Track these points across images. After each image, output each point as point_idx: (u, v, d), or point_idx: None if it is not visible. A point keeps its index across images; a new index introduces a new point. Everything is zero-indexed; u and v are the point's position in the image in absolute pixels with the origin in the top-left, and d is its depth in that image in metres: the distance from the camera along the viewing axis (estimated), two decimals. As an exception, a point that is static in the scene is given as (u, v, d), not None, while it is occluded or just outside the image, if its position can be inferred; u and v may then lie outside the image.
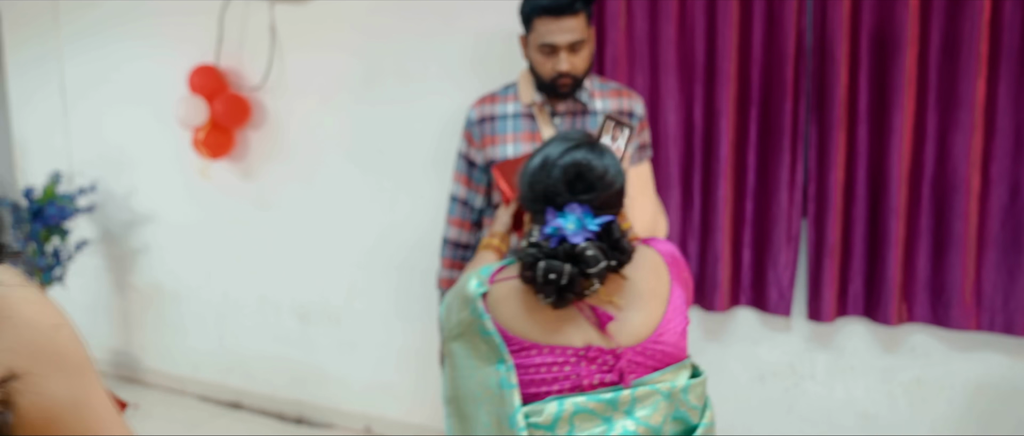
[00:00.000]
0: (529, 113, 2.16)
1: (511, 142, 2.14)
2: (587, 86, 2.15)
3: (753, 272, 2.66)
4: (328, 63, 3.34)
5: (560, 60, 2.02)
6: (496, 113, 2.20)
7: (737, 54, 2.55)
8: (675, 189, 2.68)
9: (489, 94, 2.27)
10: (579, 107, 2.15)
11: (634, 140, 2.18)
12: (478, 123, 2.21)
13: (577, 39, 2.02)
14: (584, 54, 2.06)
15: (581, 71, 2.07)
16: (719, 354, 2.80)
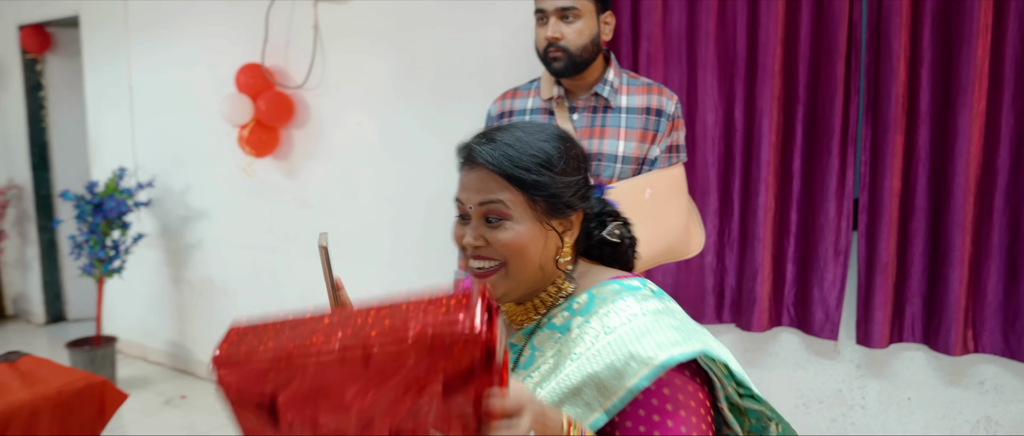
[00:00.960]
0: (548, 108, 2.03)
1: None
2: (611, 80, 2.00)
3: (797, 289, 2.41)
4: (368, 61, 3.29)
5: (548, 26, 1.92)
6: (516, 108, 2.09)
7: (781, 49, 2.32)
8: (713, 195, 2.47)
9: (512, 89, 2.16)
10: (601, 102, 2.00)
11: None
12: (498, 118, 2.11)
13: (566, 5, 1.90)
14: (577, 26, 1.91)
15: (573, 45, 1.92)
16: (758, 378, 2.56)
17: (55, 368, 2.10)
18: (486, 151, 1.02)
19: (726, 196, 2.47)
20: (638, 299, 1.03)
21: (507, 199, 1.01)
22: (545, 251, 1.04)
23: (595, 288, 1.07)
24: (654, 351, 0.95)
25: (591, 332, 1.01)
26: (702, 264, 2.52)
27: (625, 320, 1.00)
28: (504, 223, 1.02)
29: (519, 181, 1.01)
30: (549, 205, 1.03)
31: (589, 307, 1.05)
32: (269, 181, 3.71)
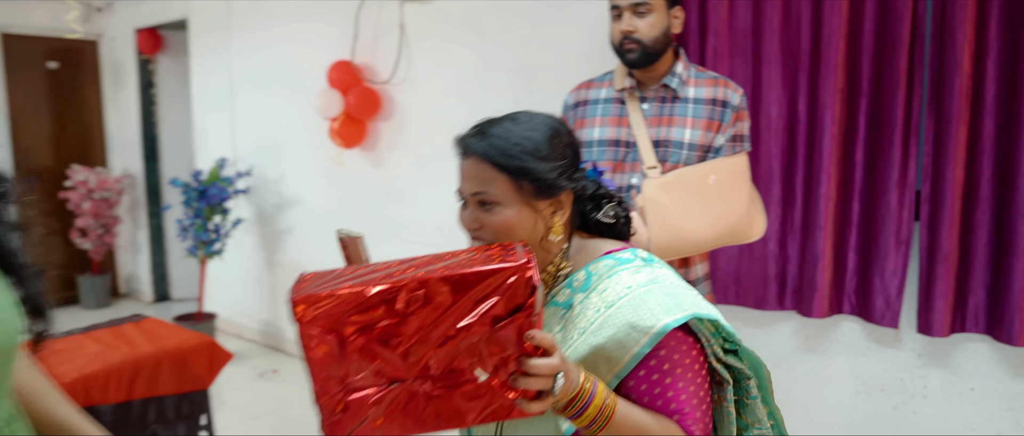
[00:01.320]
0: (620, 98, 2.15)
1: (598, 125, 2.15)
2: (680, 72, 2.11)
3: (858, 278, 2.47)
4: (450, 58, 3.50)
5: (623, 20, 2.04)
6: (590, 98, 2.21)
7: (845, 43, 2.38)
8: (776, 185, 2.55)
9: (587, 80, 2.28)
10: (669, 93, 2.11)
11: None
12: (573, 107, 2.24)
13: (640, 1, 2.02)
14: (650, 20, 2.03)
15: (647, 38, 2.03)
16: (818, 364, 2.63)
17: (173, 328, 2.38)
18: (476, 143, 1.14)
19: (789, 186, 2.55)
20: (631, 272, 1.13)
21: (496, 186, 1.11)
22: (535, 230, 1.13)
23: (591, 264, 1.16)
24: (652, 319, 1.06)
25: (592, 307, 1.11)
26: (765, 252, 2.60)
27: (622, 293, 1.10)
28: (494, 208, 1.11)
29: (505, 168, 1.10)
30: (536, 188, 1.12)
31: (587, 284, 1.14)
32: (356, 171, 3.97)
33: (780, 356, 2.71)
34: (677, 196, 1.98)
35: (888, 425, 2.53)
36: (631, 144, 2.08)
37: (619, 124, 2.11)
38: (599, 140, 2.12)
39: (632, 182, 2.07)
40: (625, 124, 2.09)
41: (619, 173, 2.08)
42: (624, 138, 2.08)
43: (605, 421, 1.00)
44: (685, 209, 1.98)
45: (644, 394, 1.08)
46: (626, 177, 2.08)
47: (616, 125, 2.12)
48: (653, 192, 1.98)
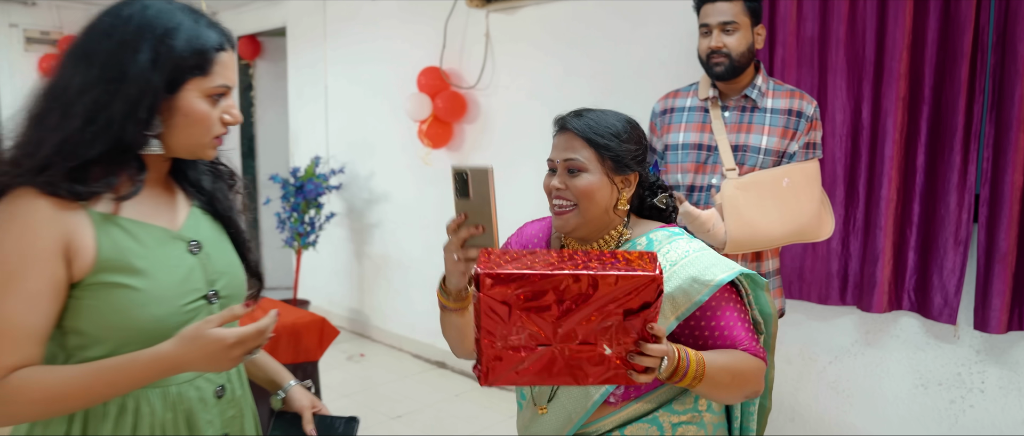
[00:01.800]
0: (704, 107, 2.34)
1: (683, 130, 2.34)
2: (759, 84, 2.29)
3: (917, 276, 2.60)
4: (532, 65, 3.74)
5: (713, 37, 2.23)
6: (676, 106, 2.40)
7: (908, 53, 2.52)
8: (839, 187, 2.70)
9: (674, 90, 2.48)
10: (749, 103, 2.28)
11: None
12: (661, 114, 2.43)
13: (728, 20, 2.21)
14: (737, 37, 2.21)
15: (734, 52, 2.21)
16: (878, 357, 2.76)
17: (287, 307, 2.70)
18: (573, 121, 1.41)
19: (852, 188, 2.70)
20: (686, 240, 1.41)
21: (585, 156, 1.37)
22: (608, 198, 1.39)
23: (650, 233, 1.43)
24: (710, 275, 1.34)
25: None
26: (828, 249, 2.76)
27: (683, 255, 1.38)
28: (581, 174, 1.37)
29: (594, 143, 1.37)
30: (615, 163, 1.38)
31: (650, 246, 1.41)
32: (443, 170, 4.26)
33: (841, 349, 2.86)
34: (752, 196, 2.16)
35: (945, 419, 2.65)
36: (713, 148, 2.27)
37: (702, 130, 2.30)
38: (684, 144, 2.32)
39: (712, 182, 2.26)
40: (708, 130, 2.29)
41: (700, 174, 2.28)
42: (706, 142, 2.28)
43: (701, 377, 1.23)
44: (759, 208, 2.16)
45: (705, 329, 1.37)
46: (707, 177, 2.27)
47: (699, 130, 2.30)
48: (731, 191, 2.16)
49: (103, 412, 1.15)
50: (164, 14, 1.13)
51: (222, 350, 1.08)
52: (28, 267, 1.05)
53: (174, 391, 1.19)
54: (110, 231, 1.12)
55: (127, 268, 1.12)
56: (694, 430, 1.44)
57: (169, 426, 1.19)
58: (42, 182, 1.07)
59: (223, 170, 1.36)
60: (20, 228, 1.06)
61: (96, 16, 1.15)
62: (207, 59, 1.14)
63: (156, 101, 1.11)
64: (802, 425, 3.00)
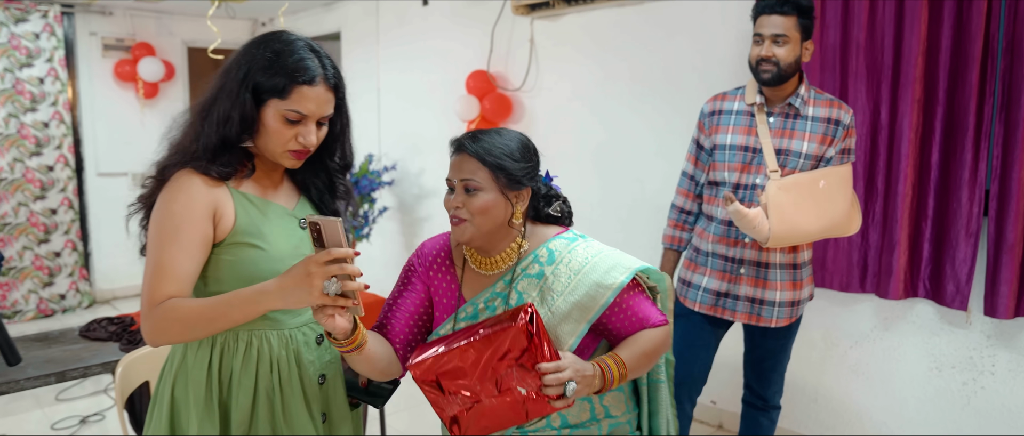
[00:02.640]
0: (750, 111, 2.48)
1: (731, 132, 2.48)
2: (802, 93, 2.46)
3: (931, 265, 2.79)
4: (575, 69, 4.00)
5: (764, 47, 2.40)
6: (724, 108, 2.54)
7: (923, 58, 2.72)
8: (859, 183, 2.91)
9: (722, 93, 2.60)
10: (792, 110, 2.46)
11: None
12: (710, 115, 2.57)
13: (780, 33, 2.37)
14: (786, 49, 2.38)
15: (782, 62, 2.35)
16: (895, 342, 2.96)
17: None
18: (469, 144, 1.50)
19: (871, 184, 2.90)
20: (584, 246, 1.57)
21: (479, 176, 1.48)
22: (504, 213, 1.51)
23: (549, 243, 1.57)
24: (612, 278, 1.52)
25: (563, 274, 1.53)
26: (849, 241, 2.97)
27: (584, 262, 1.54)
28: (477, 193, 1.48)
29: (488, 164, 1.47)
30: (508, 181, 1.49)
31: (552, 258, 1.55)
32: (487, 167, 4.53)
33: (860, 334, 3.06)
34: (792, 196, 2.35)
35: (958, 399, 2.84)
36: (757, 150, 2.43)
37: (748, 133, 2.46)
38: (731, 145, 2.48)
39: (756, 182, 2.42)
40: (753, 133, 2.45)
41: (746, 173, 2.44)
42: (752, 145, 2.44)
43: (625, 375, 1.49)
44: (798, 207, 2.35)
45: (617, 322, 1.56)
46: (751, 177, 2.43)
47: (746, 133, 2.46)
48: (774, 192, 2.33)
49: (234, 346, 1.48)
50: (279, 45, 1.42)
51: (303, 270, 1.24)
52: (188, 224, 1.38)
53: (286, 333, 1.51)
54: (245, 205, 1.46)
55: (256, 233, 1.45)
56: (615, 393, 1.62)
57: (281, 361, 1.50)
58: (195, 165, 1.42)
59: (339, 187, 1.63)
60: (184, 197, 1.39)
61: (245, 44, 1.46)
62: (287, 87, 1.40)
63: (246, 112, 1.40)
64: (825, 405, 3.20)
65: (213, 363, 1.47)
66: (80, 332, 2.73)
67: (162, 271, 1.36)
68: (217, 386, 1.47)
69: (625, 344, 1.55)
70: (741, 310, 2.50)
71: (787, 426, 3.30)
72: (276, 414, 1.49)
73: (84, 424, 3.69)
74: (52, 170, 5.69)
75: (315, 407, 1.55)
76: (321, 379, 1.57)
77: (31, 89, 5.53)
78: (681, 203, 2.68)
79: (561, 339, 1.51)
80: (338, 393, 1.62)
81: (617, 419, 1.63)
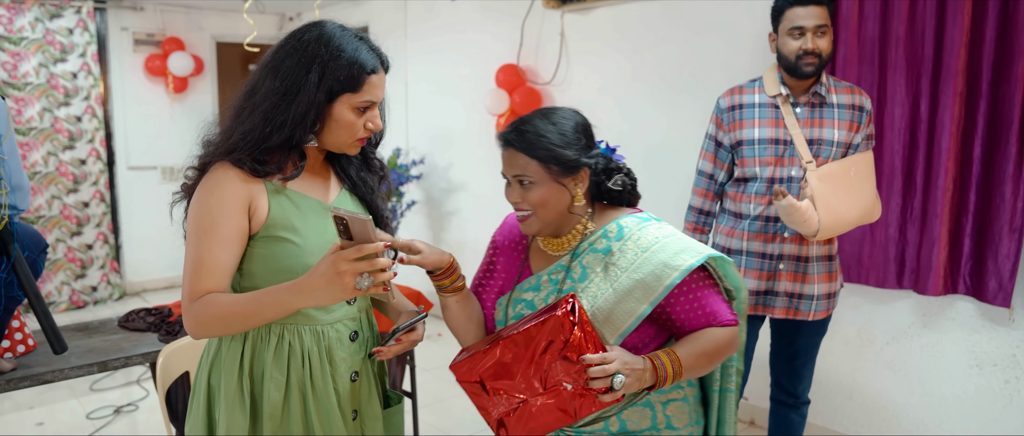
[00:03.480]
0: (774, 104, 2.44)
1: (758, 126, 2.44)
2: (825, 82, 2.44)
3: (972, 262, 2.75)
4: (604, 63, 3.98)
5: (807, 40, 2.36)
6: (744, 102, 2.49)
7: (966, 51, 2.67)
8: (897, 177, 2.87)
9: (737, 86, 2.56)
10: (818, 99, 2.43)
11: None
12: (728, 110, 2.51)
13: (821, 24, 2.34)
14: (827, 40, 2.36)
15: (825, 53, 2.34)
16: (934, 339, 2.92)
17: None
18: (513, 138, 1.49)
19: (909, 178, 2.86)
20: (656, 226, 1.53)
21: (531, 169, 1.46)
22: (563, 200, 1.50)
23: (620, 219, 1.54)
24: (681, 260, 1.46)
25: (630, 251, 1.49)
26: (886, 236, 2.93)
27: (653, 240, 1.49)
28: (532, 187, 1.47)
29: (535, 155, 1.46)
30: (560, 167, 1.47)
31: (620, 235, 1.51)
32: (516, 161, 4.53)
33: (897, 331, 3.02)
34: (830, 186, 2.33)
35: (1000, 398, 2.79)
36: (788, 142, 2.39)
37: (777, 125, 2.43)
38: (760, 139, 2.44)
39: (791, 174, 2.39)
40: (782, 125, 2.41)
41: (780, 167, 2.41)
42: (782, 137, 2.40)
43: (680, 372, 1.42)
44: (838, 196, 2.34)
45: (682, 312, 1.50)
46: (786, 170, 2.40)
47: (774, 126, 2.43)
48: (816, 183, 2.31)
49: (267, 339, 1.47)
50: (334, 40, 1.41)
51: (333, 269, 1.24)
52: (223, 218, 1.39)
53: (319, 329, 1.49)
54: (279, 199, 1.46)
55: (289, 226, 1.45)
56: (680, 403, 1.57)
57: (313, 356, 1.49)
58: (233, 159, 1.42)
59: (374, 163, 1.64)
60: (219, 190, 1.40)
61: (284, 37, 1.45)
62: (359, 80, 1.41)
63: (319, 111, 1.41)
64: (860, 403, 3.17)
65: (245, 355, 1.48)
66: (119, 322, 2.76)
67: (200, 266, 1.38)
68: (248, 379, 1.48)
69: (685, 341, 1.49)
70: (779, 306, 2.47)
71: (821, 423, 3.26)
72: (308, 409, 1.49)
73: (118, 415, 3.74)
74: (84, 164, 5.77)
75: (346, 404, 1.54)
76: (353, 376, 1.55)
77: (65, 84, 5.60)
78: (699, 203, 2.62)
79: (619, 319, 1.46)
80: (370, 391, 1.61)
81: (679, 431, 1.57)
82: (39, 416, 3.77)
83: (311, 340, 1.49)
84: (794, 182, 2.40)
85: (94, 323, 2.78)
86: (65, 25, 5.58)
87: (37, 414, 3.79)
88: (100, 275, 5.92)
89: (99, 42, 5.84)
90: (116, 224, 6.12)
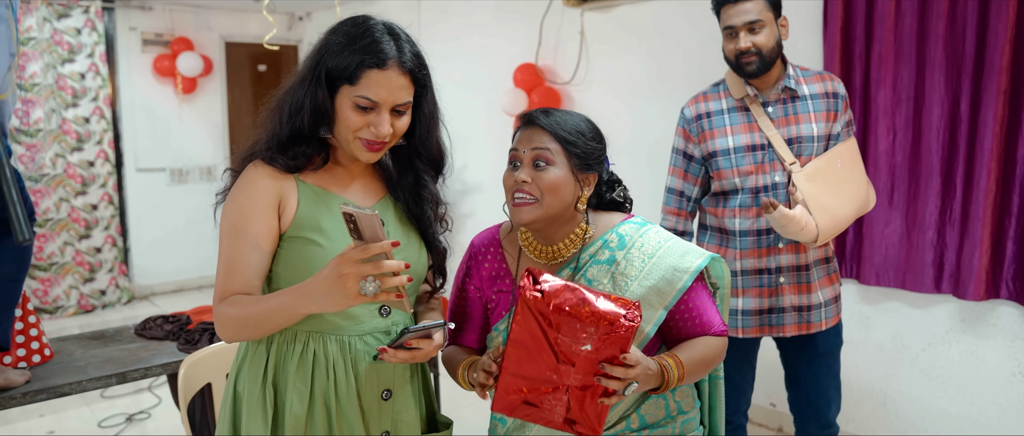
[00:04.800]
0: (743, 106, 2.27)
1: (730, 133, 2.26)
2: (792, 74, 2.28)
3: (1016, 266, 2.66)
4: (625, 62, 3.90)
5: (740, 39, 2.18)
6: (711, 109, 2.31)
7: (1010, 47, 2.58)
8: (935, 179, 2.78)
9: (700, 93, 2.37)
10: (788, 94, 2.28)
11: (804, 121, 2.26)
12: (694, 120, 2.33)
13: (752, 19, 2.16)
14: (765, 34, 2.17)
15: (764, 48, 2.17)
16: (974, 345, 2.83)
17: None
18: (542, 118, 1.43)
19: (949, 180, 2.77)
20: (656, 231, 1.49)
21: (553, 149, 1.41)
22: (572, 194, 1.43)
23: (618, 228, 1.50)
24: (689, 262, 1.45)
25: (636, 259, 1.46)
26: (923, 240, 2.84)
27: (657, 246, 1.47)
28: (548, 167, 1.40)
29: (562, 139, 1.41)
30: (580, 161, 1.42)
31: (622, 243, 1.47)
32: (533, 162, 4.45)
33: (934, 336, 2.93)
34: (820, 184, 2.20)
35: (1043, 405, 2.71)
36: (766, 146, 2.23)
37: (751, 130, 2.26)
38: (736, 147, 2.26)
39: (775, 180, 2.23)
40: (755, 129, 2.25)
41: (761, 174, 2.24)
42: (759, 142, 2.24)
43: (682, 377, 1.39)
44: (829, 194, 2.20)
45: (682, 315, 1.48)
46: (768, 176, 2.23)
47: (748, 131, 2.26)
48: (804, 185, 2.17)
49: (292, 347, 1.41)
50: (356, 28, 1.34)
51: (335, 271, 1.17)
52: (253, 217, 1.36)
53: (346, 340, 1.41)
54: (309, 197, 1.40)
55: (316, 227, 1.38)
56: (683, 388, 1.55)
57: (339, 369, 1.41)
58: (266, 157, 1.38)
59: (425, 194, 1.55)
60: (250, 188, 1.37)
61: (326, 30, 1.39)
62: (355, 72, 1.32)
63: (319, 101, 1.34)
64: (894, 410, 3.08)
65: (269, 363, 1.42)
66: (135, 330, 2.68)
67: (230, 267, 1.35)
68: (272, 388, 1.41)
69: (687, 347, 1.47)
70: (789, 322, 2.29)
71: (853, 430, 3.18)
72: (332, 423, 1.42)
73: (130, 423, 3.66)
74: (92, 165, 5.69)
75: (374, 423, 1.45)
76: (385, 394, 1.46)
77: (73, 84, 5.53)
78: (672, 224, 2.43)
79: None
80: (408, 410, 1.51)
81: (688, 415, 1.56)
82: (50, 424, 3.69)
83: (336, 350, 1.41)
84: (780, 188, 2.23)
85: (110, 331, 2.70)
86: (73, 25, 5.50)
87: (48, 422, 3.72)
88: (108, 278, 5.84)
89: (107, 42, 5.77)
90: (124, 227, 6.04)
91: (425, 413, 1.59)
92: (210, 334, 2.55)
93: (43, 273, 5.51)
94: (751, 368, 2.49)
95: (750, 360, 2.47)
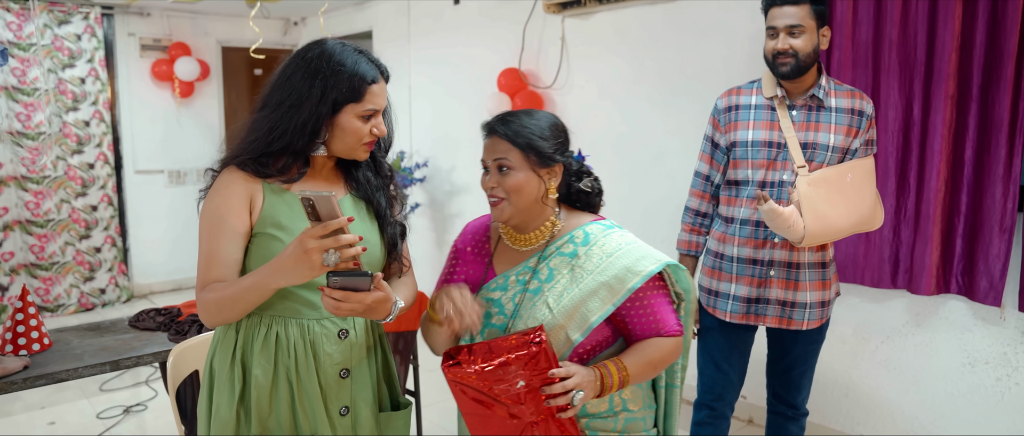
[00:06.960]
0: (770, 105, 2.40)
1: (752, 128, 2.40)
2: (824, 84, 2.41)
3: (964, 262, 2.80)
4: (605, 67, 4.04)
5: (780, 40, 2.31)
6: (741, 103, 2.45)
7: (957, 54, 2.72)
8: (891, 179, 2.92)
9: (736, 87, 2.51)
10: (815, 102, 2.37)
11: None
12: (725, 111, 2.48)
13: (794, 23, 2.29)
14: (803, 39, 2.29)
15: (801, 52, 2.29)
16: (927, 338, 2.97)
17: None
18: (497, 126, 1.59)
19: (903, 180, 2.91)
20: (620, 233, 1.63)
21: (511, 156, 1.56)
22: (537, 190, 1.59)
23: (586, 226, 1.64)
24: (642, 266, 1.57)
25: (596, 255, 1.60)
26: (880, 237, 2.98)
27: (617, 247, 1.60)
28: (510, 172, 1.57)
29: (518, 144, 1.56)
30: (538, 158, 1.57)
31: (586, 240, 1.62)
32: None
33: (892, 330, 3.07)
34: (822, 192, 2.30)
35: (991, 395, 2.84)
36: (782, 145, 2.35)
37: (771, 128, 2.38)
38: (753, 141, 2.39)
39: (783, 178, 2.35)
40: (776, 128, 2.37)
41: (771, 170, 2.36)
42: (776, 140, 2.36)
43: (626, 381, 1.54)
44: (829, 202, 2.30)
45: (635, 318, 1.60)
46: (778, 174, 2.36)
47: (768, 128, 2.38)
48: (804, 188, 2.29)
49: (258, 330, 1.58)
50: (335, 55, 1.53)
51: (300, 247, 1.34)
52: (230, 213, 1.53)
53: (305, 323, 1.58)
54: (274, 199, 1.57)
55: (277, 224, 1.55)
56: (633, 387, 1.66)
57: (299, 350, 1.58)
58: (239, 162, 1.55)
59: (383, 167, 1.72)
60: (225, 189, 1.54)
61: (291, 55, 1.57)
62: (360, 90, 1.53)
63: (320, 123, 1.53)
64: (855, 401, 3.22)
65: (238, 344, 1.59)
66: (129, 322, 2.83)
67: (209, 258, 1.52)
68: (240, 365, 1.58)
69: (633, 350, 1.60)
70: (771, 314, 2.43)
71: (817, 421, 3.32)
72: (294, 398, 1.59)
73: (128, 414, 3.81)
74: (92, 168, 5.85)
75: (333, 401, 1.61)
76: (343, 373, 1.61)
77: (73, 89, 5.68)
78: (697, 205, 2.59)
79: (583, 316, 1.56)
80: (365, 389, 1.66)
81: (634, 414, 1.67)
82: (50, 416, 3.84)
83: (297, 332, 1.57)
84: (785, 186, 2.35)
85: (105, 323, 2.85)
86: (73, 31, 5.66)
87: (48, 414, 3.86)
88: (108, 278, 6.00)
89: (106, 48, 5.92)
90: (124, 227, 6.19)
91: (387, 394, 1.74)
92: (199, 325, 2.70)
93: (44, 272, 5.66)
94: (740, 358, 2.58)
95: (739, 349, 2.56)
